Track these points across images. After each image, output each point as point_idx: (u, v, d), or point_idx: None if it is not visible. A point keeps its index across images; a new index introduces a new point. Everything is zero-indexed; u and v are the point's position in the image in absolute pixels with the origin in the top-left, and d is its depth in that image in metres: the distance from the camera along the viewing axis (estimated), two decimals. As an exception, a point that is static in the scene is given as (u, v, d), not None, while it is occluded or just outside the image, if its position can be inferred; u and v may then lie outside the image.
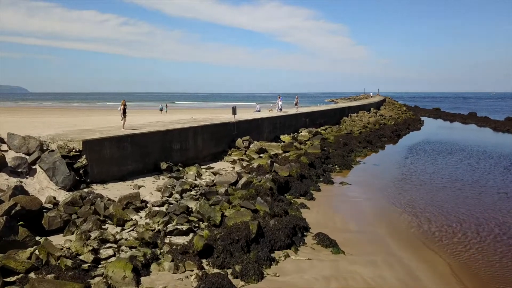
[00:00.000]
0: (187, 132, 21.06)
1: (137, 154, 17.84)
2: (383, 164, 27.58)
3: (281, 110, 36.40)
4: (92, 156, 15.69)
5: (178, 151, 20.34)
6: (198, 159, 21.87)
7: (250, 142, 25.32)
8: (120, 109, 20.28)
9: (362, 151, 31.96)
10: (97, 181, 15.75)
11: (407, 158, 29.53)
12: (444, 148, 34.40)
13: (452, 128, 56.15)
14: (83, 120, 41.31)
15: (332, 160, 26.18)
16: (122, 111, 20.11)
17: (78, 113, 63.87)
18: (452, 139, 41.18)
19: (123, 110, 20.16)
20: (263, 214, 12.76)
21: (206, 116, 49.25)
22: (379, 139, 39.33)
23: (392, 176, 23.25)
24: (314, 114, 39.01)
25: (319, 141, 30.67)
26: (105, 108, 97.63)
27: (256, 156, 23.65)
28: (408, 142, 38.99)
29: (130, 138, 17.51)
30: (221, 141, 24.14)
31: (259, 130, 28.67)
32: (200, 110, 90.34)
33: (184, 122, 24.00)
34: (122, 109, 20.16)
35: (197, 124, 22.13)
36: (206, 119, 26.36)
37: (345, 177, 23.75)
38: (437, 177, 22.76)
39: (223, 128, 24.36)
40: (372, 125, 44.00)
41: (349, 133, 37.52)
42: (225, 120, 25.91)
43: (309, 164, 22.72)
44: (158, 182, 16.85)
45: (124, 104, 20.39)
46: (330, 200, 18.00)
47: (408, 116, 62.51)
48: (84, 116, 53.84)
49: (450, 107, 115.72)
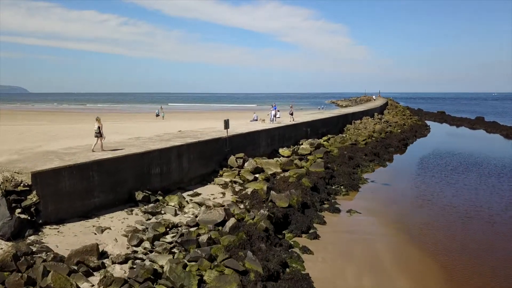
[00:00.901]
0: (169, 153, 18.10)
1: (107, 184, 14.88)
2: (393, 182, 24.62)
3: (274, 121, 32.99)
4: (46, 190, 12.73)
5: (158, 176, 17.37)
6: (183, 183, 18.91)
7: (245, 160, 22.36)
8: (95, 128, 17.27)
9: (369, 165, 29.11)
10: (53, 221, 12.80)
11: (419, 175, 26.58)
12: (457, 161, 31.43)
13: (460, 136, 53.15)
14: (66, 130, 38.26)
15: (337, 180, 23.24)
16: (98, 130, 17.13)
17: (69, 118, 60.89)
18: (464, 149, 38.22)
19: (100, 128, 17.18)
20: (253, 278, 9.79)
21: (200, 124, 46.22)
22: (386, 149, 36.50)
23: (406, 201, 20.33)
24: (316, 123, 36.05)
25: (322, 155, 27.76)
26: (98, 111, 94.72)
27: (251, 177, 20.68)
28: (417, 153, 36.05)
29: (97, 165, 14.54)
30: (211, 160, 21.18)
31: (255, 144, 25.72)
32: (198, 114, 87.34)
33: (169, 138, 21.02)
34: (99, 128, 17.17)
35: (182, 143, 19.14)
36: (196, 133, 23.39)
37: (352, 200, 20.89)
38: (458, 203, 19.79)
39: (214, 145, 21.41)
40: (378, 133, 41.04)
41: (354, 144, 34.58)
42: (216, 134, 22.95)
43: (311, 187, 19.78)
44: (129, 220, 13.88)
45: (99, 122, 17.36)
46: (338, 238, 15.04)
47: (413, 121, 59.57)
48: (72, 122, 50.81)
49: (454, 110, 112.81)
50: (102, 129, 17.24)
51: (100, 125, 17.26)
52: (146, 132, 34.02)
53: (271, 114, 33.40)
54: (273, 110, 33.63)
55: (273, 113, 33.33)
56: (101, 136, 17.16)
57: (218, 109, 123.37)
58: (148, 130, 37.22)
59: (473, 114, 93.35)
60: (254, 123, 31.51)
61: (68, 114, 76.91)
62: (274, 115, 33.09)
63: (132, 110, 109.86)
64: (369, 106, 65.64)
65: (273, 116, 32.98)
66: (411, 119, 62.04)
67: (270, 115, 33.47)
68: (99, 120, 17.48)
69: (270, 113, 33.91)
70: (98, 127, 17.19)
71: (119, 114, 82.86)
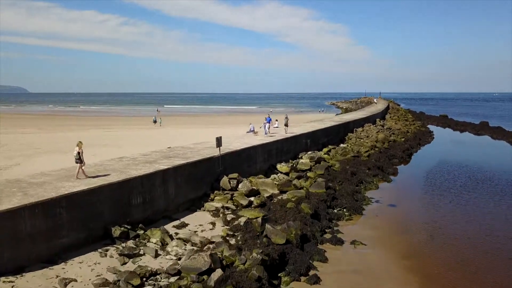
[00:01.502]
0: (153, 179, 16.25)
1: (78, 221, 13.03)
2: (399, 203, 22.77)
3: (268, 134, 30.42)
4: (1, 235, 10.89)
5: (140, 206, 15.53)
6: (169, 211, 17.07)
7: (239, 180, 20.51)
8: (75, 154, 15.43)
9: (373, 181, 27.30)
10: (10, 270, 10.99)
11: (427, 193, 24.77)
12: (466, 176, 29.54)
13: (466, 144, 51.28)
14: (52, 141, 36.37)
15: (339, 202, 21.38)
16: (78, 156, 15.30)
17: (60, 124, 59.10)
18: (472, 160, 36.35)
19: (81, 154, 15.35)
20: None
21: (197, 132, 44.66)
22: (390, 161, 34.71)
23: (415, 229, 18.44)
24: (316, 133, 34.21)
25: (323, 171, 25.94)
26: (94, 115, 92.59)
27: (246, 201, 18.83)
28: (423, 165, 34.21)
29: (66, 200, 12.69)
30: (202, 182, 19.33)
31: (250, 161, 23.88)
32: (196, 118, 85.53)
33: (155, 159, 19.15)
34: (79, 153, 15.34)
35: (168, 166, 17.29)
36: (186, 151, 21.52)
37: (356, 225, 19.06)
38: (473, 232, 17.93)
39: (204, 166, 19.55)
40: (381, 143, 39.19)
41: (357, 156, 32.74)
42: (208, 152, 21.09)
43: (312, 214, 17.92)
44: (102, 265, 12.04)
45: (80, 148, 15.49)
46: (342, 282, 13.17)
47: (416, 128, 57.73)
48: (61, 130, 48.93)
49: (457, 113, 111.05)
50: (82, 154, 15.37)
51: (81, 151, 15.39)
52: (139, 144, 32.32)
53: (265, 126, 30.80)
54: (267, 123, 31.01)
55: (267, 125, 30.80)
56: (81, 162, 15.33)
57: (218, 112, 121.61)
58: (140, 141, 35.44)
59: (476, 118, 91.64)
60: (250, 135, 29.57)
61: (61, 119, 75.03)
62: (268, 127, 30.72)
63: (129, 113, 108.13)
64: (370, 111, 63.80)
65: (267, 129, 30.54)
66: (414, 125, 60.22)
67: (264, 128, 30.89)
68: (80, 146, 15.57)
69: (263, 125, 31.27)
70: (78, 153, 15.33)
71: (114, 118, 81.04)
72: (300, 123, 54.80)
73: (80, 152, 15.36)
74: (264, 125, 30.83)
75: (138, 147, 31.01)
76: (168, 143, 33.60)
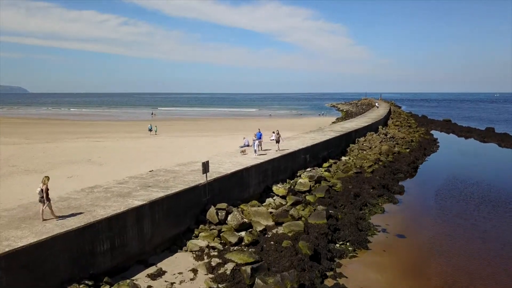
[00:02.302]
0: (124, 218, 13.84)
1: (23, 284, 10.62)
2: (409, 232, 20.37)
3: (258, 152, 26.32)
4: None
5: (107, 253, 13.13)
6: (144, 254, 14.67)
7: (228, 211, 18.10)
8: (38, 191, 13.01)
9: (378, 202, 25.03)
10: None
11: (438, 218, 22.44)
12: (479, 196, 27.11)
13: (473, 154, 48.86)
14: (33, 156, 33.85)
15: (342, 234, 18.98)
16: (42, 194, 12.91)
17: (51, 131, 56.70)
18: (482, 175, 33.97)
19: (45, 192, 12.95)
20: None
21: (194, 141, 42.39)
22: (395, 175, 32.40)
23: (430, 270, 16.04)
24: (316, 147, 31.81)
25: (323, 194, 23.57)
26: (88, 119, 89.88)
27: (235, 238, 16.43)
28: (430, 181, 31.89)
29: (6, 261, 10.27)
30: (184, 216, 16.92)
31: (243, 185, 21.47)
32: (194, 122, 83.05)
33: (130, 190, 16.70)
34: (43, 191, 12.94)
35: (143, 201, 14.87)
36: (168, 177, 19.08)
37: (361, 264, 16.68)
38: (502, 278, 15.53)
39: (188, 197, 17.15)
40: (385, 155, 36.82)
41: (359, 172, 30.37)
42: (194, 178, 18.68)
43: (311, 256, 15.52)
44: None
45: (44, 184, 13.07)
46: None
47: (420, 135, 55.32)
48: (48, 140, 46.47)
49: (460, 116, 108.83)
50: (46, 192, 12.93)
51: (45, 188, 12.94)
52: (124, 161, 29.85)
53: (254, 144, 26.45)
54: (256, 140, 26.69)
55: (256, 143, 26.47)
56: (47, 201, 12.92)
57: (216, 115, 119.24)
58: (128, 156, 33.01)
59: (480, 122, 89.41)
60: (244, 152, 27.04)
61: (51, 125, 72.56)
62: (257, 145, 26.56)
63: (125, 117, 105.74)
64: (372, 118, 61.41)
65: (256, 147, 26.30)
66: (418, 132, 57.82)
67: (253, 145, 26.45)
68: (45, 182, 13.09)
69: (253, 143, 26.89)
70: (41, 190, 12.90)
71: (108, 124, 78.60)
72: (299, 131, 52.46)
73: (44, 189, 12.92)
74: (254, 143, 26.56)
75: (122, 165, 28.67)
76: (157, 158, 31.28)
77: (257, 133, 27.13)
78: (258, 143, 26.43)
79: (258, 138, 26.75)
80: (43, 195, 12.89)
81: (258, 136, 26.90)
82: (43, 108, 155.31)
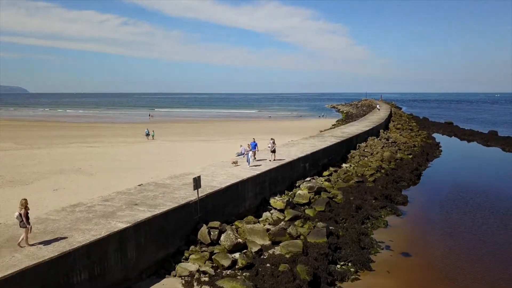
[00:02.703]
0: (105, 244, 12.61)
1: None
2: (414, 250, 19.11)
3: (251, 163, 24.33)
4: None
5: (85, 283, 11.89)
6: (128, 280, 13.44)
7: (221, 230, 16.88)
8: (17, 215, 11.76)
9: (380, 215, 23.91)
10: None
11: (444, 235, 21.20)
12: (487, 208, 25.88)
13: (477, 159, 47.66)
14: (21, 164, 32.48)
15: (343, 254, 17.74)
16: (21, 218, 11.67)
17: (44, 135, 55.40)
18: (488, 183, 32.85)
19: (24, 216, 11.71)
20: None
21: (191, 146, 41.14)
22: (397, 184, 31.22)
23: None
24: (316, 155, 30.60)
25: (323, 207, 22.39)
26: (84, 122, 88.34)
27: (228, 261, 15.20)
28: (434, 191, 30.66)
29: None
30: (174, 236, 15.70)
31: (238, 199, 20.25)
32: (192, 125, 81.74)
33: (114, 209, 15.44)
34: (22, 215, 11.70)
35: (127, 224, 13.63)
36: (157, 193, 17.82)
37: (363, 285, 15.51)
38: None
39: (178, 215, 15.93)
40: (387, 163, 35.61)
41: (361, 181, 29.18)
42: (184, 194, 17.45)
43: (310, 281, 14.31)
44: None
45: (23, 207, 11.80)
46: None
47: (422, 139, 54.09)
48: (40, 145, 45.18)
49: (462, 118, 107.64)
50: (25, 216, 11.67)
51: (23, 212, 11.67)
52: (116, 169, 28.52)
53: (248, 155, 24.27)
54: (250, 151, 24.50)
55: (250, 154, 24.28)
56: (28, 225, 11.69)
57: (214, 117, 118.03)
58: (119, 164, 31.75)
59: (482, 124, 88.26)
60: (240, 161, 25.72)
61: (46, 128, 71.26)
62: (250, 156, 24.33)
63: (122, 119, 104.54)
64: (373, 121, 60.19)
65: (250, 157, 24.15)
66: (420, 136, 56.61)
67: (247, 157, 24.31)
68: (24, 204, 11.77)
69: (246, 154, 24.69)
70: (20, 215, 11.65)
71: (104, 126, 77.37)
72: (299, 135, 51.22)
73: (23, 214, 11.64)
74: (247, 153, 24.47)
75: (113, 175, 27.44)
76: (150, 167, 30.05)
77: (252, 142, 25.24)
78: (252, 154, 24.50)
79: (252, 149, 24.87)
80: (23, 219, 11.65)
81: (252, 146, 25.01)
82: (40, 110, 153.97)
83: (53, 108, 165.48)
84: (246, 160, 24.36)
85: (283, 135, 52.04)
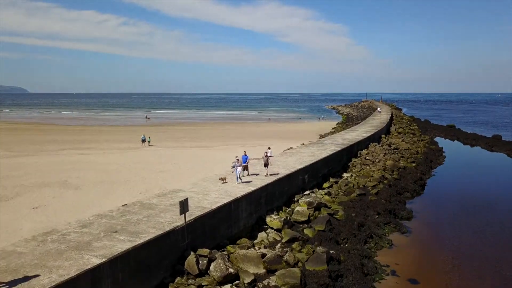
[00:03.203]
0: (74, 285, 11.03)
1: None
2: (422, 277, 17.60)
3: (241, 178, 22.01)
4: None
5: (49, 335, 10.32)
6: (103, 324, 11.87)
7: (211, 259, 15.32)
8: None
9: (384, 233, 22.46)
10: None
11: (454, 256, 19.75)
12: (498, 223, 24.46)
13: (483, 166, 46.15)
14: (6, 175, 30.87)
15: (345, 282, 16.28)
16: None
17: (39, 140, 53.82)
18: (497, 194, 31.37)
19: None
20: None
21: (188, 152, 39.66)
22: (401, 196, 29.79)
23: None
24: (316, 165, 29.05)
25: (323, 226, 20.82)
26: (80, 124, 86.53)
27: (218, 295, 13.67)
28: (440, 205, 29.14)
29: None
30: (157, 267, 14.13)
31: (231, 220, 18.68)
32: (190, 128, 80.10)
33: (91, 238, 13.86)
34: None
35: (102, 260, 12.05)
36: (141, 218, 16.20)
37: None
38: None
39: (162, 243, 14.36)
40: (389, 172, 34.06)
41: (363, 194, 27.64)
42: (169, 220, 15.85)
43: (307, 322, 12.78)
44: None
45: None
46: None
47: (425, 145, 52.54)
48: (30, 151, 43.63)
49: (464, 121, 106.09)
50: None
51: None
52: (104, 182, 26.80)
53: (237, 171, 21.66)
54: (239, 167, 21.71)
55: (239, 169, 21.61)
56: None
57: (213, 119, 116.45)
58: (110, 176, 30.14)
59: (485, 127, 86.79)
60: (231, 175, 23.91)
61: (39, 132, 69.54)
62: (239, 171, 21.75)
63: (119, 122, 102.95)
64: (374, 126, 58.67)
65: (238, 173, 21.64)
66: (423, 142, 55.07)
67: (236, 172, 21.76)
68: None
69: (235, 168, 21.91)
70: None
71: (100, 130, 75.75)
72: (299, 139, 49.75)
73: None
74: (236, 169, 21.72)
75: (100, 189, 25.89)
76: (139, 181, 28.47)
77: (243, 156, 23.06)
78: (241, 169, 22.08)
79: (243, 163, 22.67)
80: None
81: (243, 160, 22.87)
82: (36, 111, 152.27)
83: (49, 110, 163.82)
84: (236, 176, 21.92)
85: (282, 140, 50.55)
